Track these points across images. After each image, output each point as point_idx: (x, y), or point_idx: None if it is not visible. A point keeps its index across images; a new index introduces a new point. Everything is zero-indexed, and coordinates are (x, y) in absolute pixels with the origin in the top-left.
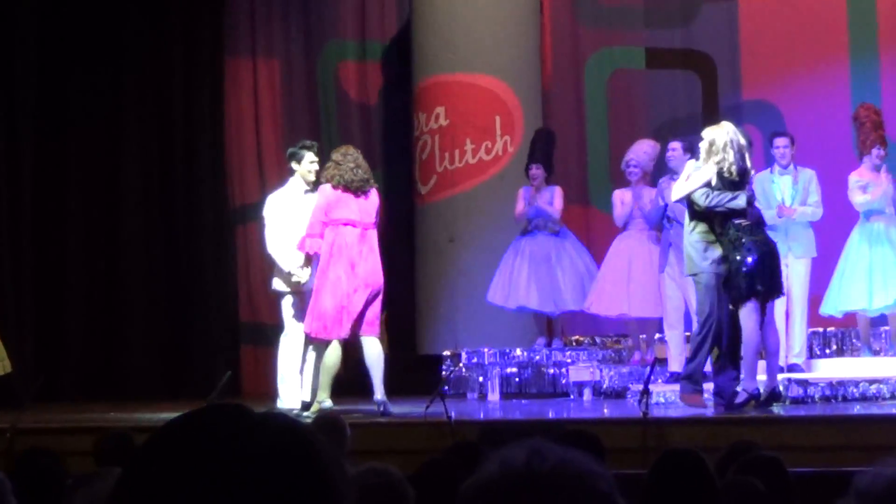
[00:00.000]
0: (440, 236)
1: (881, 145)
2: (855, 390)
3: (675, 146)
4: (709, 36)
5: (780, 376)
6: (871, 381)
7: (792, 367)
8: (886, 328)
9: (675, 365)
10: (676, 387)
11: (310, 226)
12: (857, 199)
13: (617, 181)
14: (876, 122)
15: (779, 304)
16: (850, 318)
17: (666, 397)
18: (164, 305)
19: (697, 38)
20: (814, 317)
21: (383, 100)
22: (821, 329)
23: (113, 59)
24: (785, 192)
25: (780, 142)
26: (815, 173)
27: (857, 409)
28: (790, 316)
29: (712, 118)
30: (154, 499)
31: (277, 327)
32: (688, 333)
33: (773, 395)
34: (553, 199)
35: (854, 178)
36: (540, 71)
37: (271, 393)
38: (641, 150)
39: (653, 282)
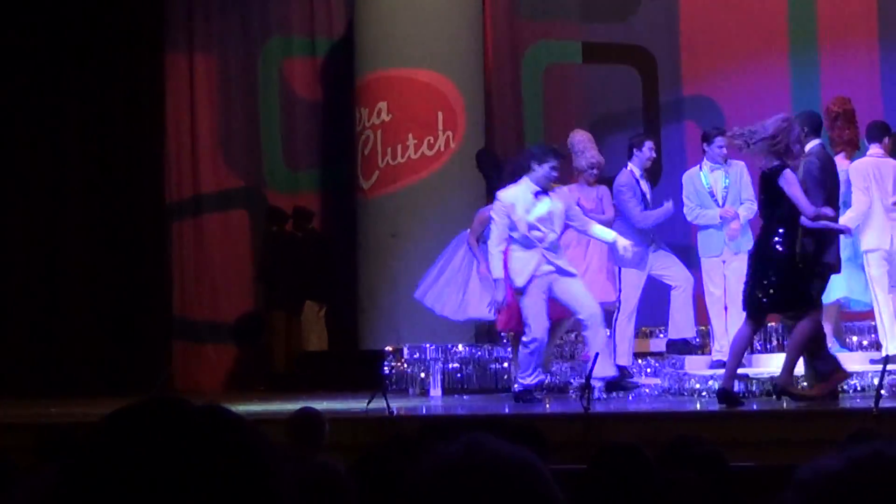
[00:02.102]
0: (382, 231)
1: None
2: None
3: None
4: (648, 31)
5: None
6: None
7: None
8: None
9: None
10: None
11: None
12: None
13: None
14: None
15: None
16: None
17: (604, 392)
18: (103, 301)
19: (637, 32)
20: None
21: (329, 96)
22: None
23: (52, 53)
24: (717, 188)
25: (721, 141)
26: (744, 165)
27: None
28: (728, 311)
29: (652, 114)
30: (96, 492)
31: (210, 324)
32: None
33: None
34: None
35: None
36: (482, 66)
37: (202, 388)
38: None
39: (605, 270)
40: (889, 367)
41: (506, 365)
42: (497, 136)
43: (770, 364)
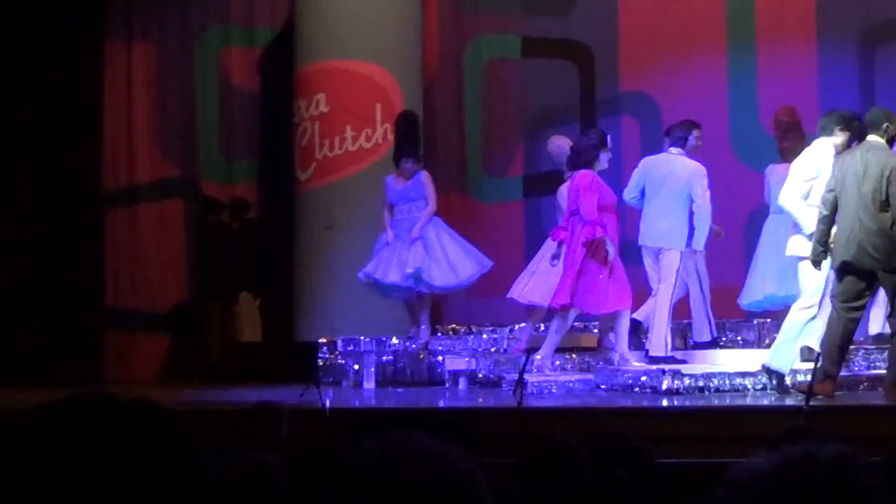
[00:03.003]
0: (318, 223)
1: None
2: (727, 382)
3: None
4: (587, 26)
5: (652, 367)
6: (743, 374)
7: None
8: (764, 320)
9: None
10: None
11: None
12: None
13: (493, 171)
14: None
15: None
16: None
17: (540, 387)
18: (35, 289)
19: (576, 27)
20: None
21: (267, 87)
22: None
23: None
24: None
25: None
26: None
27: (728, 400)
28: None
29: (589, 109)
30: (21, 487)
31: (144, 314)
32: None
33: None
34: (425, 187)
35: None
36: (421, 58)
37: (136, 379)
38: None
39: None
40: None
41: (440, 359)
42: (437, 130)
43: (718, 360)
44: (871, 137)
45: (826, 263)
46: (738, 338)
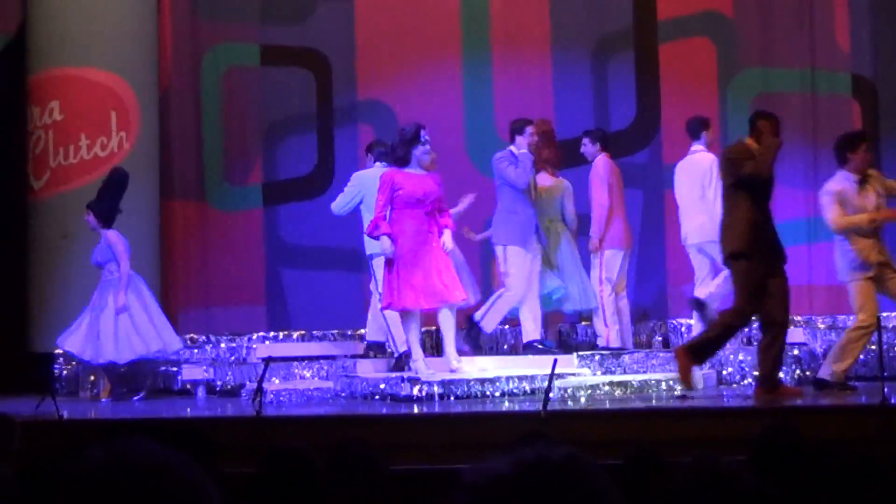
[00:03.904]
0: (53, 232)
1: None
2: (466, 388)
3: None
4: (325, 34)
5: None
6: (482, 381)
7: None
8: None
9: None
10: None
11: None
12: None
13: (232, 179)
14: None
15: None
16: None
17: (279, 395)
18: None
19: (314, 35)
20: None
21: (0, 93)
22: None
23: None
24: None
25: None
26: None
27: (467, 407)
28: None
29: (326, 117)
30: None
31: None
32: None
33: None
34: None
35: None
36: (157, 66)
37: None
38: None
39: None
40: (557, 371)
41: (174, 369)
42: (173, 139)
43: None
44: None
45: None
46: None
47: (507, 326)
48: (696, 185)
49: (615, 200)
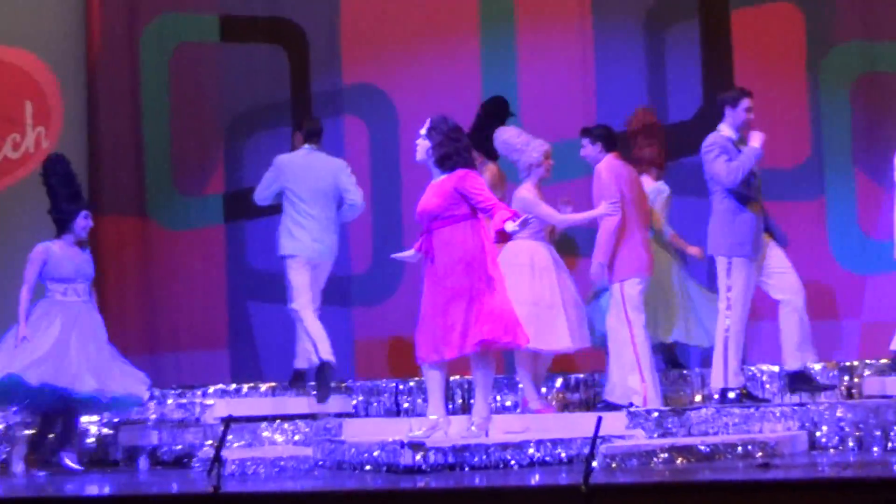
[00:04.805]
0: None
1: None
2: (483, 456)
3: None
4: (301, 2)
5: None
6: (505, 446)
7: None
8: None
9: None
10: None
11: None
12: None
13: (184, 188)
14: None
15: None
16: None
17: (246, 467)
18: None
19: (286, 4)
20: None
21: None
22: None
23: None
24: None
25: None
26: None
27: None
28: None
29: (303, 106)
30: None
31: None
32: None
33: None
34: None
35: None
36: (84, 42)
37: None
38: None
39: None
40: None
41: (110, 432)
42: (104, 137)
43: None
44: None
45: None
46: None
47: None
48: None
49: (631, 214)
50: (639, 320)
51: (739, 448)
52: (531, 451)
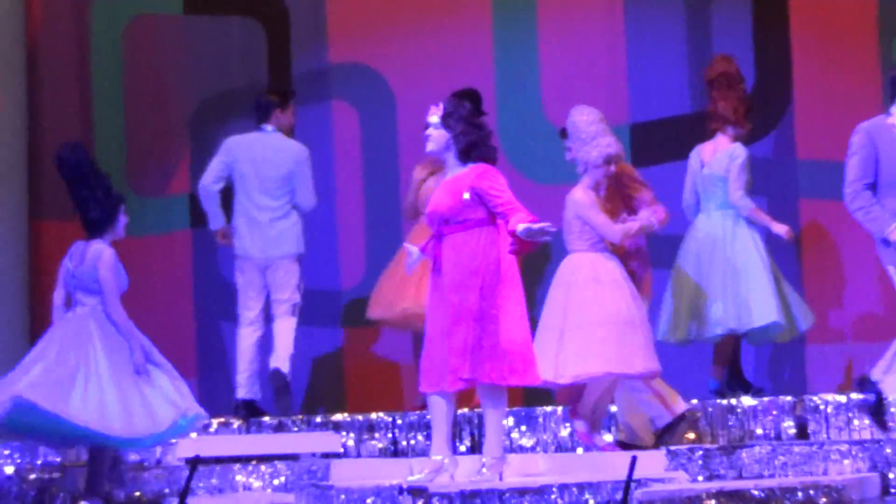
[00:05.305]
0: None
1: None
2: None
3: None
4: None
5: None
6: (522, 491)
7: None
8: None
9: None
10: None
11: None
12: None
13: (141, 188)
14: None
15: None
16: None
17: None
18: None
19: None
20: None
21: None
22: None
23: None
24: None
25: None
26: None
27: None
28: None
29: (283, 86)
30: None
31: None
32: None
33: None
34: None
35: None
36: (23, 16)
37: None
38: None
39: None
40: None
41: (56, 475)
42: (46, 129)
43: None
44: None
45: None
46: None
47: None
48: None
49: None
50: None
51: (800, 493)
52: (553, 496)
